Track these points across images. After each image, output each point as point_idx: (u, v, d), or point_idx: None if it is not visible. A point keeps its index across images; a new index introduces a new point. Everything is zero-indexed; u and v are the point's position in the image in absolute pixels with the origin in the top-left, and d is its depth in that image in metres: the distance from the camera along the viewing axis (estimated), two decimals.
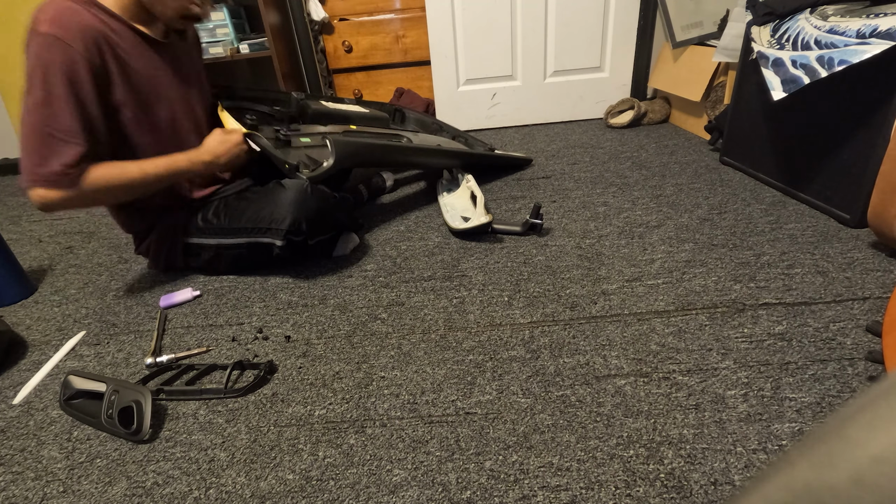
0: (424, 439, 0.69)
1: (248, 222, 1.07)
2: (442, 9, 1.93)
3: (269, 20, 1.81)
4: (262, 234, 1.06)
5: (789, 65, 1.12)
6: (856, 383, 0.71)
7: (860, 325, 0.82)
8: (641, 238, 1.15)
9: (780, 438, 0.64)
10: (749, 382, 0.73)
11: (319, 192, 1.08)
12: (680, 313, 0.89)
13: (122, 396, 0.75)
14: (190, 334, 0.97)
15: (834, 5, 1.14)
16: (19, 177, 0.92)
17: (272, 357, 0.89)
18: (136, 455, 0.71)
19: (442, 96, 2.10)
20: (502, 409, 0.73)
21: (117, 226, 1.17)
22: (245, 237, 1.08)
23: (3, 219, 1.71)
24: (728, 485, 0.59)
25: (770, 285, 0.94)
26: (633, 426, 0.68)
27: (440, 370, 0.82)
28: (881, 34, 0.96)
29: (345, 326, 0.95)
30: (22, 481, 0.69)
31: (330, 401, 0.78)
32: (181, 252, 1.15)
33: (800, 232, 1.11)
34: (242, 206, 1.09)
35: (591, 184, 1.49)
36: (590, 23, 1.97)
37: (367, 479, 0.64)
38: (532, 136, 2.02)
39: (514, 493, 0.61)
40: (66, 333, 1.02)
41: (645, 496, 0.59)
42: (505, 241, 1.20)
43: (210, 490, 0.65)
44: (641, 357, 0.80)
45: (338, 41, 2.14)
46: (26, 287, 1.18)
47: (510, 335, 0.88)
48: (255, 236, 1.07)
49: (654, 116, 2.01)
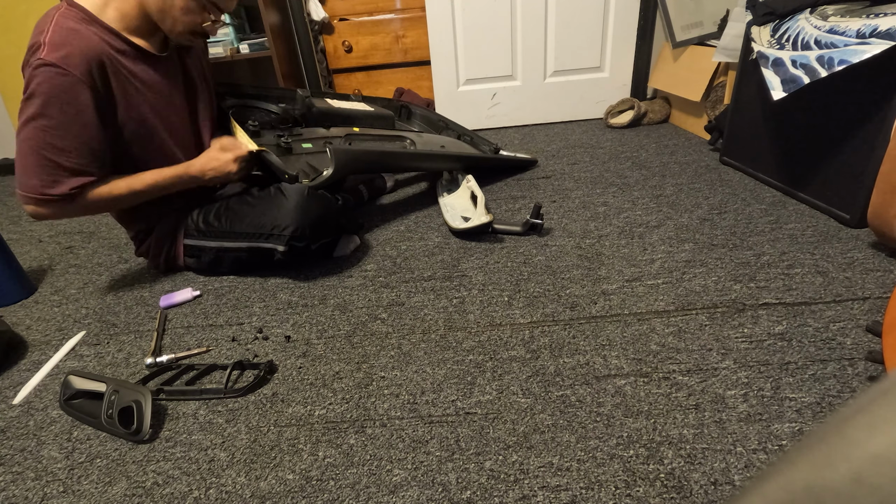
0: (424, 439, 0.69)
1: (250, 227, 1.06)
2: (442, 9, 1.93)
3: (269, 20, 1.81)
4: (264, 240, 1.06)
5: (789, 65, 1.12)
6: (856, 383, 0.71)
7: (860, 325, 0.82)
8: (641, 238, 1.15)
9: (780, 438, 0.64)
10: (749, 382, 0.73)
11: (322, 197, 1.08)
12: (680, 313, 0.89)
13: (122, 396, 0.75)
14: (190, 334, 0.97)
15: (834, 5, 1.14)
16: (17, 186, 0.93)
17: (272, 357, 0.89)
18: (136, 455, 0.71)
19: (442, 96, 2.10)
20: (502, 409, 0.73)
21: (117, 226, 1.18)
22: (246, 242, 1.08)
23: (3, 219, 1.71)
24: (728, 485, 0.59)
25: (770, 285, 0.94)
26: (633, 426, 0.68)
27: (440, 370, 0.82)
28: (881, 34, 0.96)
29: (345, 326, 0.95)
30: (22, 481, 0.69)
31: (330, 401, 0.78)
32: (181, 253, 1.15)
33: (800, 232, 1.11)
34: (244, 211, 1.08)
35: (591, 184, 1.49)
36: (590, 23, 1.97)
37: (367, 479, 0.64)
38: (532, 136, 2.02)
39: (514, 493, 0.61)
40: (66, 333, 1.02)
41: (645, 496, 0.59)
42: (505, 241, 1.20)
43: (210, 490, 0.65)
44: (641, 357, 0.80)
45: (338, 41, 2.14)
46: (26, 287, 1.18)
47: (510, 335, 0.88)
48: (256, 241, 1.06)
49: (654, 116, 2.01)
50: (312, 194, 1.05)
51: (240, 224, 1.07)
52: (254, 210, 1.07)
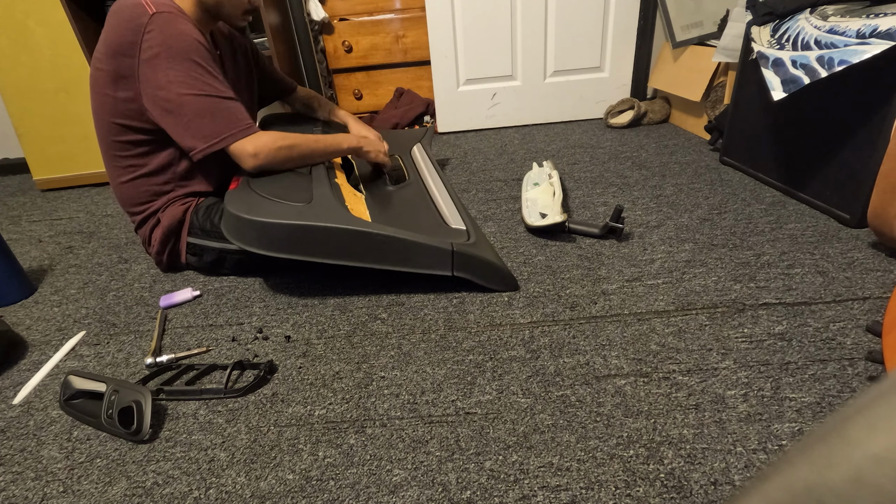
0: (424, 439, 0.69)
1: None
2: (442, 9, 1.93)
3: (268, 20, 1.81)
4: None
5: (789, 65, 1.12)
6: (856, 383, 0.71)
7: (860, 325, 0.82)
8: (641, 238, 1.15)
9: (780, 438, 0.64)
10: (749, 382, 0.73)
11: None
12: (680, 313, 0.89)
13: (122, 396, 0.75)
14: (190, 334, 0.97)
15: (834, 5, 1.14)
16: (206, 139, 1.00)
17: (272, 357, 0.89)
18: (136, 455, 0.71)
19: (442, 96, 2.10)
20: (502, 409, 0.73)
21: (117, 226, 1.18)
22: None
23: (3, 219, 1.71)
24: (728, 485, 0.59)
25: (770, 285, 0.94)
26: (633, 426, 0.68)
27: (440, 370, 0.82)
28: (881, 34, 0.96)
29: (345, 326, 0.95)
30: (22, 481, 0.69)
31: (330, 401, 0.78)
32: (184, 251, 1.15)
33: (800, 232, 1.11)
34: None
35: (591, 184, 1.49)
36: (590, 23, 1.97)
37: (367, 479, 0.64)
38: (532, 136, 2.03)
39: (514, 493, 0.61)
40: (66, 333, 1.02)
41: (645, 496, 0.59)
42: (505, 241, 1.20)
43: (210, 490, 0.65)
44: (641, 357, 0.80)
45: (338, 41, 2.14)
46: (26, 287, 1.18)
47: (510, 335, 0.88)
48: None
49: (654, 116, 2.01)
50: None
51: None
52: None
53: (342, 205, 1.01)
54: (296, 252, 0.94)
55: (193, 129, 0.99)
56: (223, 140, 1.01)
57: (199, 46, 0.97)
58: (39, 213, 1.72)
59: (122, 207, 1.20)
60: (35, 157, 1.86)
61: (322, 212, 0.96)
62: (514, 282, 1.01)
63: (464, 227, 1.08)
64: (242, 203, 0.96)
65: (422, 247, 0.96)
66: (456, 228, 1.08)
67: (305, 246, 0.94)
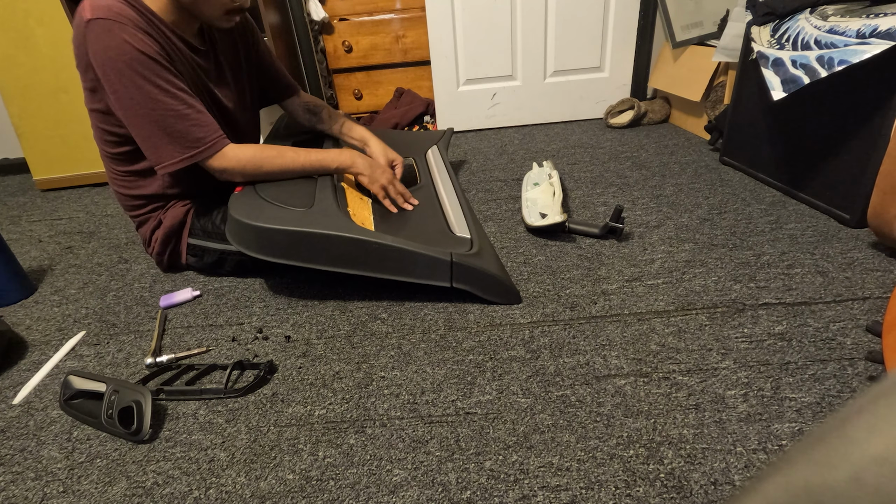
0: (424, 439, 0.69)
1: None
2: (442, 9, 1.93)
3: (268, 20, 1.81)
4: None
5: (789, 65, 1.12)
6: (856, 383, 0.71)
7: (860, 325, 0.82)
8: (641, 238, 1.15)
9: (780, 438, 0.64)
10: (749, 382, 0.73)
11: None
12: (680, 313, 0.89)
13: (122, 396, 0.75)
14: (190, 334, 0.97)
15: (834, 5, 1.14)
16: (169, 154, 0.96)
17: (272, 357, 0.89)
18: (136, 455, 0.71)
19: (442, 96, 2.10)
20: (502, 409, 0.73)
21: (118, 226, 1.17)
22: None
23: (3, 219, 1.71)
24: (728, 485, 0.59)
25: (770, 285, 0.94)
26: (633, 426, 0.68)
27: (440, 370, 0.82)
28: (881, 34, 0.96)
29: (345, 326, 0.95)
30: (22, 481, 0.69)
31: (330, 401, 0.78)
32: (185, 251, 1.15)
33: (800, 232, 1.11)
34: None
35: (591, 184, 1.49)
36: (590, 23, 1.97)
37: (367, 479, 0.64)
38: (532, 136, 2.02)
39: (514, 493, 0.61)
40: (66, 333, 1.02)
41: (645, 496, 0.59)
42: (505, 241, 1.20)
43: (210, 490, 0.65)
44: (641, 357, 0.80)
45: (338, 41, 2.14)
46: (26, 287, 1.18)
47: (510, 335, 0.88)
48: None
49: (654, 116, 2.01)
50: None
51: None
52: None
53: (343, 210, 1.00)
54: (295, 258, 0.94)
55: (150, 147, 0.96)
56: (182, 161, 0.96)
57: (139, 57, 0.88)
58: (39, 213, 1.72)
59: (122, 208, 1.19)
60: (35, 157, 1.86)
61: (321, 218, 0.95)
62: (516, 295, 0.97)
63: (468, 236, 1.06)
64: (245, 207, 0.96)
65: (420, 257, 0.94)
66: (460, 237, 1.06)
67: (304, 252, 0.94)
